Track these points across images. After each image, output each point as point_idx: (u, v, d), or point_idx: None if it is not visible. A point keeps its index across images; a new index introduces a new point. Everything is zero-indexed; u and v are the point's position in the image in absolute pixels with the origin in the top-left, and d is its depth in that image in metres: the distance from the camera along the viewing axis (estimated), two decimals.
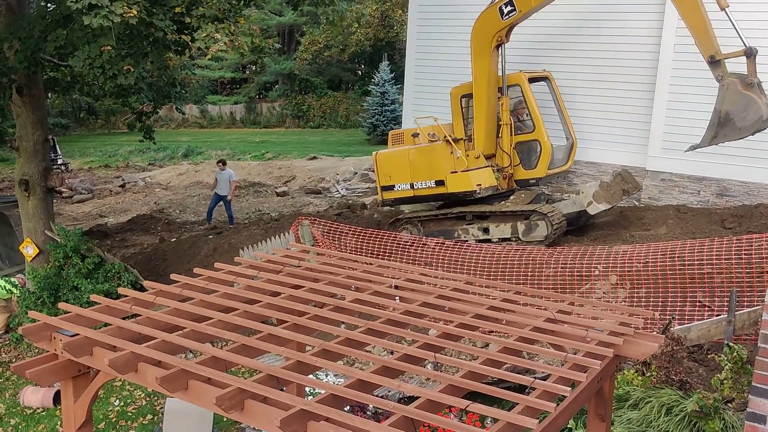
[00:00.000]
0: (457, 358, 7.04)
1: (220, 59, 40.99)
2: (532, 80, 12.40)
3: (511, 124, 12.30)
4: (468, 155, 12.06)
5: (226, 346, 4.29)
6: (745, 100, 9.45)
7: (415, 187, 12.32)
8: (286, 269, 5.64)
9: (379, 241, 12.01)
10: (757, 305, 8.05)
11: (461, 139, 12.26)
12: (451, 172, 11.91)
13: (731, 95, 9.53)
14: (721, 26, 9.55)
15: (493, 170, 12.18)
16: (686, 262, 9.41)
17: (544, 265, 10.38)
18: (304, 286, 5.29)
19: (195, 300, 5.02)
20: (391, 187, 12.60)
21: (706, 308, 8.98)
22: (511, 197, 12.25)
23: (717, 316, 8.37)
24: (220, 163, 18.16)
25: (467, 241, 11.90)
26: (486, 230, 11.89)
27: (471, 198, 11.84)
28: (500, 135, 12.31)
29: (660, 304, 9.20)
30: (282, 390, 3.94)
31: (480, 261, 10.78)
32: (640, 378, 6.88)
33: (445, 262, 11.05)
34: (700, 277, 9.23)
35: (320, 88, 40.43)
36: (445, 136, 12.02)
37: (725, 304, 8.49)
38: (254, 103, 42.99)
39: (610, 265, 9.91)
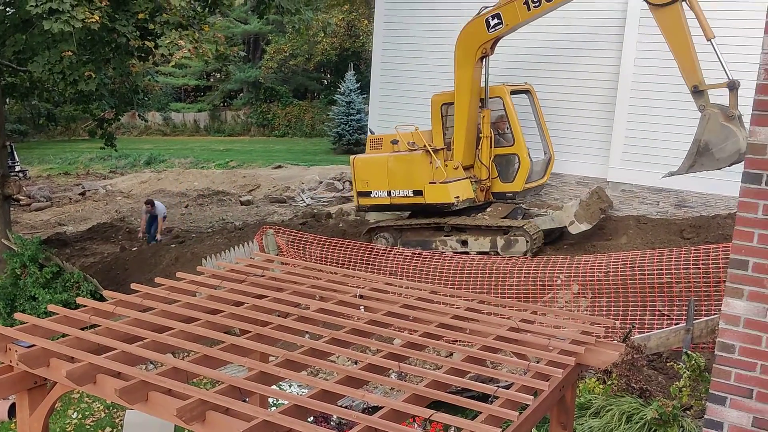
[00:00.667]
0: (421, 367, 7.04)
1: (184, 66, 40.58)
2: (513, 93, 12.44)
3: (491, 137, 12.31)
4: (447, 165, 12.05)
5: (188, 357, 4.23)
6: (725, 132, 9.63)
7: (392, 195, 12.26)
8: (249, 279, 5.59)
9: (344, 250, 11.99)
10: (714, 314, 8.22)
11: (441, 148, 12.25)
12: (430, 183, 11.88)
13: (712, 126, 9.71)
14: (705, 58, 9.78)
15: (471, 182, 12.20)
16: (646, 272, 9.59)
17: (508, 275, 10.47)
18: (267, 296, 5.25)
19: (156, 310, 4.95)
20: (367, 194, 12.51)
21: (665, 317, 9.15)
22: (488, 209, 12.25)
23: (676, 324, 8.53)
24: (149, 205, 16.60)
25: (444, 252, 11.87)
26: (464, 243, 11.86)
27: (448, 210, 11.83)
28: (480, 147, 12.33)
29: (621, 313, 9.35)
30: (245, 401, 3.90)
31: (445, 270, 10.83)
32: (601, 386, 6.97)
33: (410, 271, 11.07)
34: (660, 287, 9.41)
35: (285, 97, 40.30)
36: (424, 145, 11.99)
37: (684, 312, 8.66)
38: (218, 111, 42.64)
39: (572, 274, 10.05)
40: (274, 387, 4.26)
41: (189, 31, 11.58)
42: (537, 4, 11.21)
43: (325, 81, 43.23)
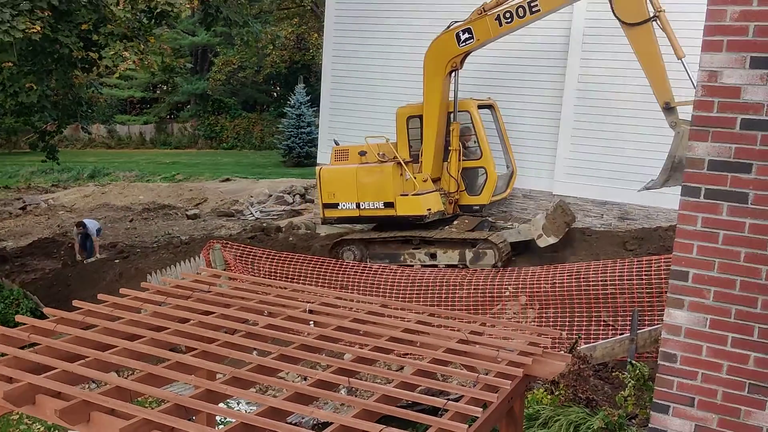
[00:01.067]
0: (371, 382, 7.01)
1: (129, 78, 39.84)
2: (478, 107, 12.47)
3: (459, 150, 12.31)
4: (415, 178, 12.02)
5: (132, 376, 4.12)
6: None
7: (361, 207, 12.09)
8: (195, 295, 5.49)
9: (294, 264, 11.89)
10: (657, 324, 8.42)
11: (409, 161, 12.22)
12: (401, 195, 11.80)
13: (685, 142, 9.98)
14: (676, 76, 10.04)
15: (440, 194, 12.17)
16: (591, 283, 9.78)
17: (458, 287, 10.55)
18: (214, 312, 5.16)
19: (99, 327, 4.81)
20: (334, 206, 12.29)
21: (610, 327, 9.33)
22: (455, 222, 12.22)
23: (620, 334, 8.71)
24: (80, 227, 15.98)
25: (413, 265, 11.80)
26: (433, 256, 11.80)
27: (420, 222, 11.76)
28: (449, 160, 12.31)
29: (567, 323, 9.51)
30: (191, 420, 3.81)
31: (395, 284, 10.85)
32: (549, 397, 7.05)
33: (361, 285, 11.05)
34: (604, 298, 9.61)
35: (234, 109, 39.92)
36: (395, 157, 11.93)
37: (628, 323, 8.85)
38: (165, 124, 41.95)
39: (520, 286, 10.18)
40: (221, 405, 4.18)
41: (134, 42, 11.39)
42: (509, 20, 11.25)
43: (275, 93, 43.00)
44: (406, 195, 11.82)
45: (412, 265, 11.83)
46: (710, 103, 3.93)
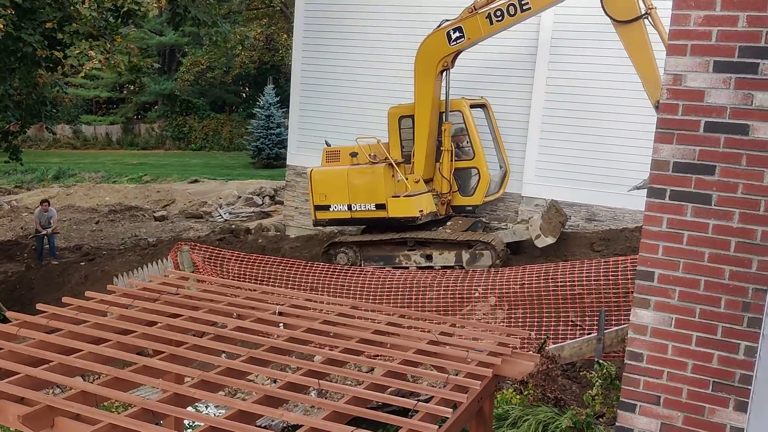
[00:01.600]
0: (342, 384, 7.00)
1: (95, 78, 39.25)
2: (470, 107, 12.38)
3: (451, 150, 12.22)
4: (407, 178, 11.93)
5: (98, 380, 4.05)
6: None
7: (353, 209, 11.96)
8: (163, 297, 5.42)
9: (263, 266, 11.81)
10: (624, 323, 8.53)
11: (401, 162, 12.13)
12: (393, 196, 11.70)
13: None
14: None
15: (432, 195, 12.07)
16: (559, 284, 9.89)
17: (428, 288, 10.58)
18: (182, 315, 5.10)
19: (63, 331, 4.72)
20: (326, 207, 12.13)
21: (578, 327, 9.44)
22: (448, 223, 12.13)
23: (588, 334, 8.81)
24: (45, 203, 16.73)
25: (408, 267, 11.68)
26: (429, 257, 11.69)
27: (412, 224, 11.64)
28: (440, 160, 12.20)
29: (536, 324, 9.59)
30: (158, 424, 3.76)
31: (366, 285, 10.84)
32: (518, 396, 7.11)
33: (331, 287, 11.02)
34: (572, 298, 9.72)
35: (202, 110, 39.56)
36: (386, 158, 11.84)
37: (595, 323, 8.96)
38: (132, 124, 41.40)
39: (489, 287, 10.24)
40: (189, 409, 4.13)
41: (100, 41, 11.23)
42: (500, 18, 11.20)
43: (244, 94, 42.71)
44: (398, 196, 11.70)
45: (407, 267, 11.69)
46: (675, 106, 3.99)
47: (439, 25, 11.84)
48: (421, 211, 11.64)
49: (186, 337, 4.67)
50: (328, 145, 12.73)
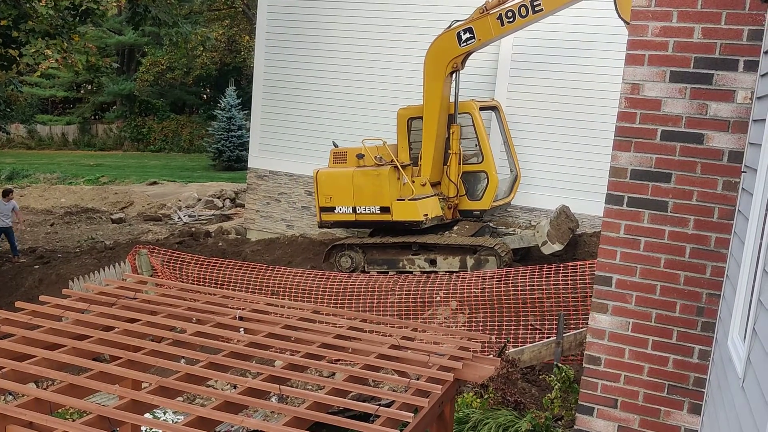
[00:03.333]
0: (303, 389, 6.97)
1: (51, 77, 38.38)
2: (481, 109, 12.22)
3: (460, 154, 12.06)
4: (414, 181, 11.76)
5: (52, 387, 3.96)
6: None
7: (357, 212, 11.77)
8: (120, 302, 5.32)
9: (224, 270, 11.69)
10: (582, 327, 8.67)
11: (408, 164, 11.97)
12: (398, 200, 11.52)
13: None
14: None
15: (438, 199, 11.90)
16: (519, 288, 9.99)
17: (389, 293, 10.59)
18: (140, 320, 5.01)
19: (16, 337, 4.60)
20: (331, 209, 11.93)
21: (537, 331, 9.55)
22: (455, 228, 11.98)
23: (547, 338, 8.92)
24: (10, 194, 16.11)
25: (412, 272, 11.48)
26: (433, 262, 11.53)
27: (417, 228, 11.46)
28: (448, 163, 12.04)
29: (496, 328, 9.68)
30: None
31: (327, 289, 10.80)
32: (478, 400, 7.15)
33: (293, 291, 10.96)
34: (532, 302, 9.83)
35: (162, 111, 38.98)
36: (392, 160, 11.69)
37: (554, 326, 9.07)
38: (89, 124, 40.57)
39: (451, 291, 10.30)
40: (147, 415, 4.06)
41: (57, 40, 10.99)
42: (511, 20, 11.04)
43: (205, 96, 42.24)
44: (403, 200, 11.53)
45: (411, 272, 11.52)
46: (633, 115, 4.07)
47: (450, 26, 11.64)
48: (426, 215, 11.45)
49: (144, 342, 4.59)
50: (335, 146, 12.47)
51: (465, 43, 11.40)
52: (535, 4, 10.89)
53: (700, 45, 3.89)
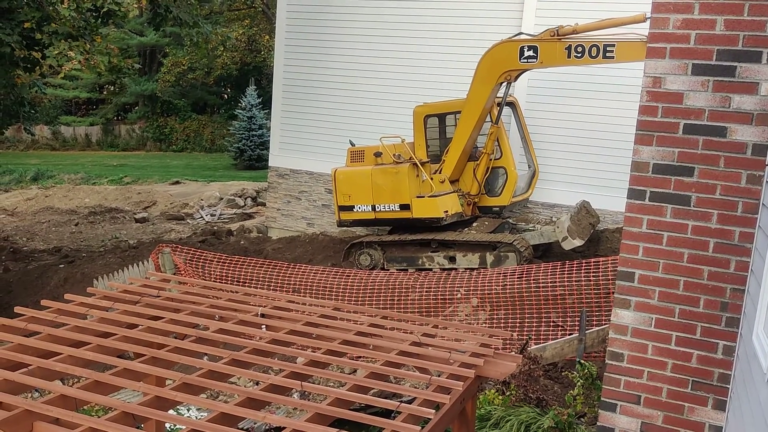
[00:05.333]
0: (324, 385, 6.99)
1: (74, 78, 38.86)
2: (498, 105, 12.05)
3: (491, 154, 11.96)
4: (432, 178, 11.76)
5: (77, 383, 4.01)
6: None
7: (377, 210, 11.79)
8: (144, 300, 5.38)
9: (245, 268, 11.76)
10: (604, 324, 8.61)
11: (426, 162, 11.98)
12: (417, 197, 11.52)
13: None
14: None
15: (458, 196, 11.89)
16: (541, 285, 9.94)
17: (410, 290, 10.59)
18: (163, 317, 5.07)
19: (42, 334, 4.67)
20: (350, 208, 11.94)
21: (559, 328, 9.50)
22: (474, 224, 11.95)
23: (569, 335, 8.87)
24: None
25: (432, 269, 11.47)
26: (452, 259, 11.51)
27: (437, 224, 11.46)
28: (478, 162, 11.96)
29: (518, 324, 9.64)
30: (139, 428, 3.74)
31: (348, 286, 10.83)
32: (500, 397, 7.13)
33: (314, 288, 11.00)
34: (554, 299, 9.78)
35: (184, 111, 39.29)
36: (411, 158, 11.68)
37: (576, 323, 9.02)
38: (112, 125, 41.02)
39: (472, 288, 10.28)
40: (170, 412, 4.10)
41: (79, 42, 11.12)
42: (579, 55, 10.69)
43: (226, 95, 42.49)
44: (423, 197, 11.52)
45: (431, 269, 11.52)
46: (654, 108, 4.03)
47: (517, 35, 11.46)
48: (446, 211, 11.43)
49: (167, 339, 4.64)
50: (352, 144, 12.46)
51: (525, 60, 11.07)
52: (608, 49, 10.51)
53: (723, 37, 3.84)
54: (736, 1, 3.79)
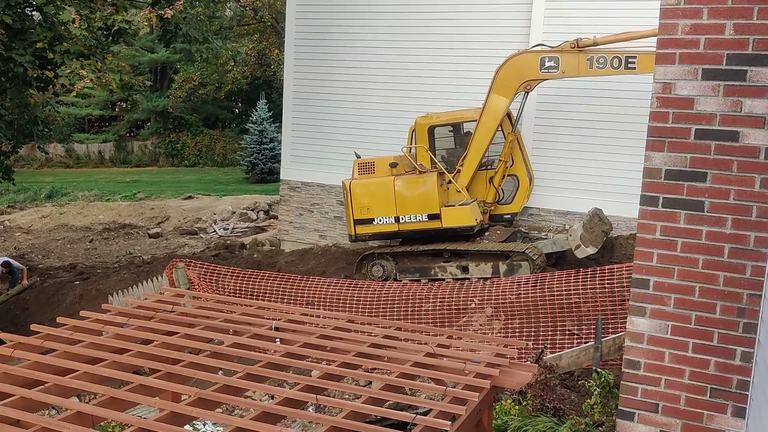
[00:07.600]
0: (339, 398, 6.97)
1: (87, 96, 39.22)
2: None
3: (508, 161, 12.00)
4: (448, 188, 11.72)
5: (93, 400, 4.03)
6: None
7: (401, 221, 11.57)
8: (158, 315, 5.40)
9: (259, 281, 11.78)
10: (620, 331, 8.54)
11: (439, 171, 11.90)
12: (445, 206, 11.44)
13: None
14: None
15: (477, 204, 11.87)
16: (555, 293, 9.89)
17: (424, 300, 10.57)
18: (178, 332, 5.08)
19: (58, 351, 4.69)
20: (368, 221, 11.66)
21: (575, 336, 9.44)
22: (486, 233, 11.89)
23: (585, 343, 8.80)
24: (5, 267, 14.95)
25: (444, 279, 11.42)
26: (465, 269, 11.42)
27: (469, 233, 11.35)
28: (495, 169, 12.00)
29: (533, 334, 9.59)
30: None
31: (361, 298, 10.82)
32: (516, 407, 7.09)
33: (327, 300, 11.00)
34: (569, 307, 9.72)
35: (195, 126, 39.57)
36: (435, 167, 11.62)
37: (592, 331, 8.96)
38: (124, 142, 41.35)
39: (486, 297, 10.24)
40: (186, 427, 4.11)
41: (91, 60, 11.24)
42: (601, 66, 10.76)
43: (237, 110, 42.76)
44: (452, 206, 11.43)
45: (443, 279, 11.45)
46: (665, 114, 4.01)
47: (538, 44, 11.46)
48: (476, 219, 11.36)
49: (182, 354, 4.65)
50: (358, 157, 12.35)
51: (546, 70, 11.12)
52: (630, 60, 10.55)
53: (732, 41, 3.82)
54: (744, 6, 3.77)
